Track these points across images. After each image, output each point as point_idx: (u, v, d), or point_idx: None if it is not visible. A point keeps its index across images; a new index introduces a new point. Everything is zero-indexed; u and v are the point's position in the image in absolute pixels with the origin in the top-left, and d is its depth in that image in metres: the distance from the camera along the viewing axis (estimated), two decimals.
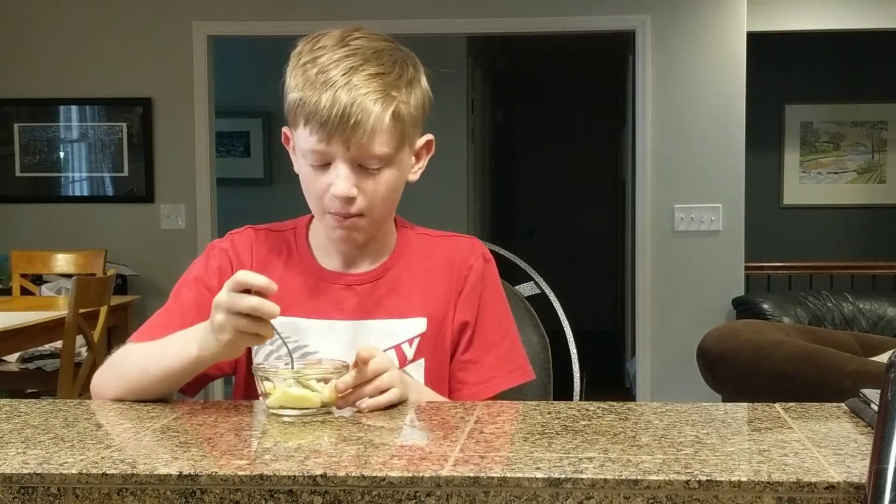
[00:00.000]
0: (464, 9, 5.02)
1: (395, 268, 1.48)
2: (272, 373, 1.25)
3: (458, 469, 0.98)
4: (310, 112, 1.34)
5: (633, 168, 5.54)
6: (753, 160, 5.51)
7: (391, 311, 1.45)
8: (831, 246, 6.75)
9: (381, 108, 1.34)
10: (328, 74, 1.33)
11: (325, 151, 1.35)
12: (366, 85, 1.33)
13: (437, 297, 1.47)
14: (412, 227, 1.54)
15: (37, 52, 5.15)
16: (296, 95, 1.36)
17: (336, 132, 1.33)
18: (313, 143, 1.35)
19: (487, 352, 1.47)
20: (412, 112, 1.39)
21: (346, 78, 1.33)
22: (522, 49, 7.77)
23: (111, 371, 1.38)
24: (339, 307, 1.44)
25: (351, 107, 1.32)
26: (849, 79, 6.84)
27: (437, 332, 1.46)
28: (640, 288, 5.07)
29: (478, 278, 1.49)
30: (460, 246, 1.51)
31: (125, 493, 0.99)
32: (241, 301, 1.20)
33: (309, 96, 1.34)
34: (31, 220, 5.20)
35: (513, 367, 1.48)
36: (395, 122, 1.35)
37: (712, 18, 4.95)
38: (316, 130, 1.34)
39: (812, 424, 1.17)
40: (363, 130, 1.33)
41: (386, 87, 1.35)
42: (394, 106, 1.35)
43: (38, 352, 4.05)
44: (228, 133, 6.64)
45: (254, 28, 5.09)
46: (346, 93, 1.32)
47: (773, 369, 2.90)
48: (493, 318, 1.49)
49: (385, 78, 1.35)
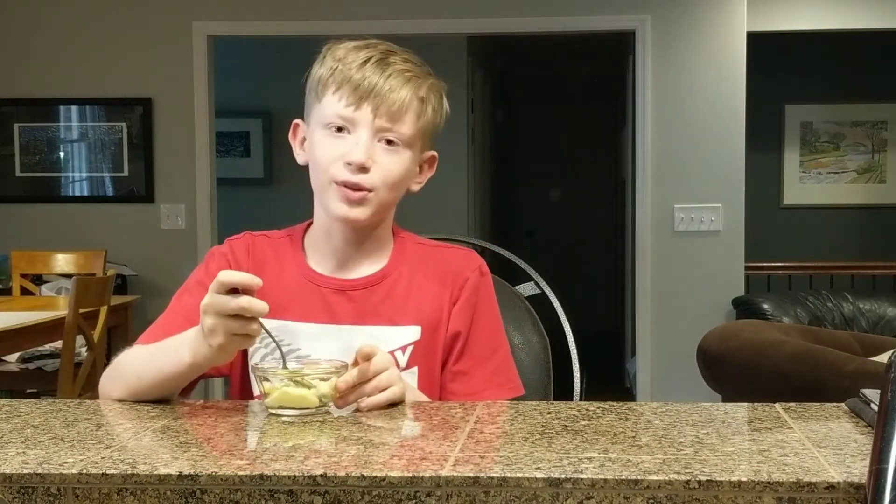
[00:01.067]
0: (464, 9, 5.02)
1: (391, 275, 1.48)
2: (271, 373, 1.25)
3: (458, 469, 0.98)
4: (343, 78, 1.39)
5: (633, 168, 5.53)
6: (753, 160, 5.51)
7: (385, 318, 1.45)
8: (831, 246, 6.76)
9: (414, 87, 1.41)
10: (365, 53, 1.41)
11: (351, 118, 1.39)
12: (402, 64, 1.41)
13: (431, 305, 1.47)
14: (410, 236, 1.54)
15: (37, 52, 5.15)
16: (330, 65, 1.41)
17: (367, 98, 1.38)
18: (341, 107, 1.39)
19: (478, 364, 1.47)
20: (435, 113, 1.46)
21: (383, 55, 1.41)
22: (522, 49, 7.77)
23: (115, 374, 1.39)
24: (333, 312, 1.45)
25: (388, 79, 1.39)
26: (849, 79, 6.84)
27: (430, 341, 1.46)
28: (640, 288, 5.07)
29: (473, 290, 1.49)
30: (457, 257, 1.52)
31: (125, 493, 0.99)
32: (229, 303, 1.19)
33: (344, 66, 1.40)
34: (31, 220, 5.20)
35: (502, 382, 1.48)
36: (421, 106, 1.42)
37: (712, 18, 4.96)
38: (347, 94, 1.38)
39: (812, 424, 1.17)
40: (393, 101, 1.39)
41: (418, 74, 1.43)
42: (424, 91, 1.42)
43: (38, 352, 4.05)
44: (228, 133, 6.64)
45: (254, 28, 5.10)
46: (382, 68, 1.39)
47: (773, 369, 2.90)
48: (486, 331, 1.49)
49: (418, 69, 1.44)
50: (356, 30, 4.95)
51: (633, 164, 5.38)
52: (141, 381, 1.32)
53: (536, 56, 8.10)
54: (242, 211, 6.47)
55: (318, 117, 1.42)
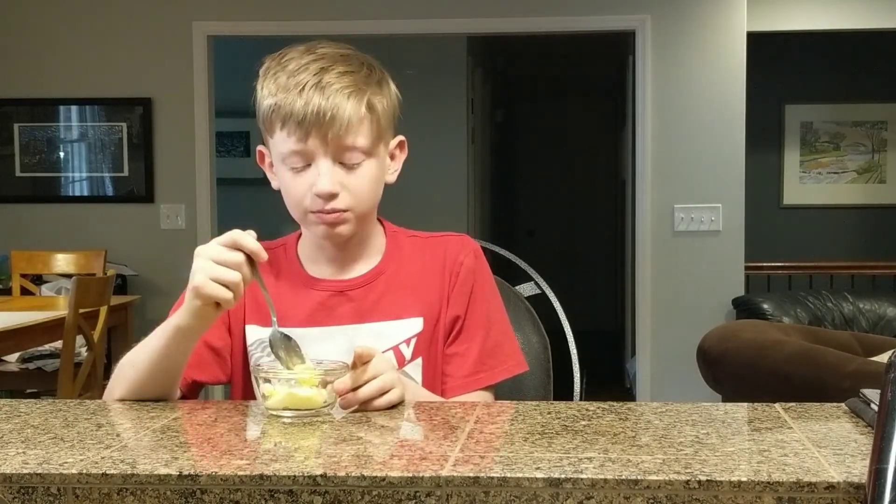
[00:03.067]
0: (464, 9, 5.02)
1: (388, 270, 1.48)
2: (272, 374, 1.24)
3: (458, 469, 0.98)
4: (286, 114, 1.36)
5: (633, 168, 5.54)
6: (753, 160, 5.51)
7: (387, 313, 1.45)
8: (831, 246, 6.76)
9: (355, 100, 1.37)
10: (299, 77, 1.37)
11: (304, 151, 1.37)
12: (338, 81, 1.37)
13: (430, 295, 1.47)
14: (402, 231, 1.55)
15: (37, 52, 5.15)
16: (270, 101, 1.38)
17: (313, 129, 1.35)
18: (292, 143, 1.37)
19: (474, 346, 1.47)
20: (385, 107, 1.42)
21: (317, 77, 1.37)
22: (522, 49, 7.77)
23: (114, 377, 1.39)
24: (333, 314, 1.45)
25: (326, 102, 1.35)
26: (849, 79, 6.84)
27: (432, 331, 1.46)
28: (640, 288, 5.07)
29: (468, 273, 1.49)
30: (451, 244, 1.52)
31: (125, 493, 0.99)
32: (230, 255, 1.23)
33: (283, 99, 1.36)
34: (31, 220, 5.20)
35: (496, 363, 1.48)
36: (369, 113, 1.39)
37: (712, 18, 4.96)
38: (294, 130, 1.36)
39: (812, 424, 1.17)
40: (339, 123, 1.36)
41: (357, 82, 1.39)
42: (366, 98, 1.39)
43: (38, 352, 4.05)
44: (228, 133, 6.63)
45: (254, 28, 5.09)
46: (319, 90, 1.36)
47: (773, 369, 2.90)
48: (482, 312, 1.49)
49: (355, 75, 1.40)
50: (356, 30, 4.95)
51: (633, 164, 5.38)
52: (136, 367, 1.33)
53: (536, 56, 8.10)
54: (242, 211, 6.47)
55: (276, 153, 1.42)
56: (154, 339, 1.32)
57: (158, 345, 1.31)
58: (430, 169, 6.13)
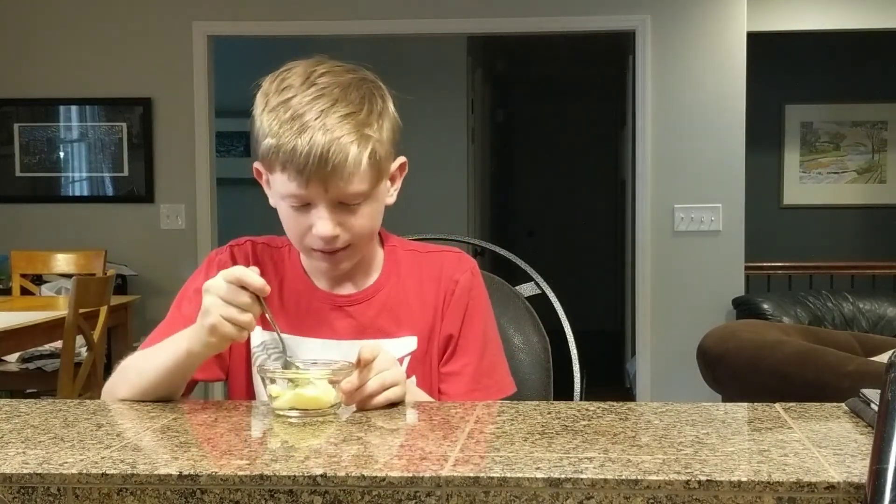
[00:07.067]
0: (464, 9, 5.02)
1: (385, 287, 1.49)
2: (279, 374, 1.25)
3: (458, 469, 0.98)
4: (286, 159, 1.33)
5: (633, 168, 5.53)
6: (753, 160, 5.51)
7: (382, 331, 1.46)
8: (831, 246, 6.75)
9: (357, 149, 1.34)
10: (302, 119, 1.33)
11: (304, 195, 1.36)
12: (340, 127, 1.33)
13: (426, 314, 1.48)
14: (400, 242, 1.55)
15: (37, 52, 5.15)
16: (271, 142, 1.35)
17: (314, 177, 1.33)
18: (293, 188, 1.35)
19: (468, 365, 1.47)
20: (386, 146, 1.39)
21: (320, 122, 1.33)
22: (522, 49, 7.77)
23: (117, 378, 1.40)
24: (331, 327, 1.46)
25: (328, 152, 1.32)
26: (849, 79, 6.84)
27: (426, 350, 1.47)
28: (640, 288, 5.07)
29: (463, 292, 1.49)
30: (448, 261, 1.52)
31: (125, 493, 0.99)
32: (238, 296, 1.25)
33: (285, 143, 1.33)
34: (31, 220, 5.20)
35: (491, 383, 1.48)
36: (371, 160, 1.36)
37: (712, 18, 4.96)
38: (294, 176, 1.34)
39: (812, 424, 1.17)
40: (341, 173, 1.33)
41: (359, 126, 1.35)
42: (370, 146, 1.35)
43: (38, 352, 4.05)
44: (228, 133, 6.63)
45: (254, 28, 5.09)
46: (322, 136, 1.32)
47: (773, 369, 2.90)
48: (477, 331, 1.49)
49: (357, 117, 1.35)
50: (356, 30, 4.95)
51: (633, 164, 5.38)
52: (142, 377, 1.34)
53: (536, 56, 8.10)
54: (242, 211, 6.46)
55: (276, 190, 1.40)
56: (163, 354, 1.33)
57: (167, 363, 1.32)
58: (430, 169, 6.12)
